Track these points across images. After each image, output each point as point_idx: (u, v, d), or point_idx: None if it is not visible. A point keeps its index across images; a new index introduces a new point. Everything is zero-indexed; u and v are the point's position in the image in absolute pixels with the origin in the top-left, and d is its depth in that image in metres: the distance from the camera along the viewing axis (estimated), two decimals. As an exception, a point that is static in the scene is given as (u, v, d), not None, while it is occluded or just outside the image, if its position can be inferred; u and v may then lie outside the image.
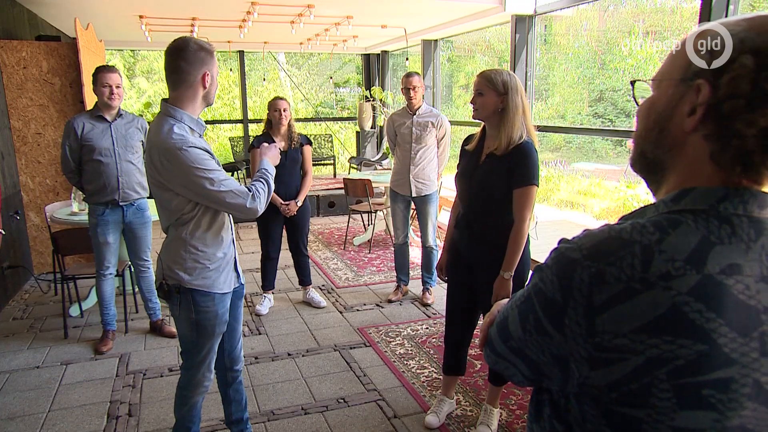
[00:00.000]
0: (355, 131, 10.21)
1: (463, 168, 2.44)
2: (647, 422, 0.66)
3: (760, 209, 0.68)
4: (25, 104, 4.60)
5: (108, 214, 3.36)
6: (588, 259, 0.68)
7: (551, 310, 0.71)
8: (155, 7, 5.57)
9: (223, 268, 2.06)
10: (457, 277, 2.53)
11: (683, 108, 0.70)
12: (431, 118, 4.06)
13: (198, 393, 2.17)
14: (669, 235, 0.66)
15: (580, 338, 0.68)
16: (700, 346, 0.63)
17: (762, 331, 0.65)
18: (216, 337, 2.10)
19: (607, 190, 8.33)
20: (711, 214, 0.68)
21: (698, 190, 0.69)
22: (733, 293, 0.64)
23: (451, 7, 5.69)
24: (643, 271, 0.65)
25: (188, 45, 1.86)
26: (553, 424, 0.78)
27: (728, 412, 0.65)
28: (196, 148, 1.85)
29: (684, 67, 0.70)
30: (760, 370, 0.66)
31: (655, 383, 0.64)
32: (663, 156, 0.74)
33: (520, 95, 2.29)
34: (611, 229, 0.69)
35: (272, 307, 4.17)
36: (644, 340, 0.64)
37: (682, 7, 7.57)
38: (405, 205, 4.24)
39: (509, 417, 2.74)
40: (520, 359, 0.78)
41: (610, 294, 0.65)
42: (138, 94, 13.33)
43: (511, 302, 0.81)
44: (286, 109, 3.85)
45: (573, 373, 0.70)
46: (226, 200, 1.90)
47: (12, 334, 3.74)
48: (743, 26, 0.67)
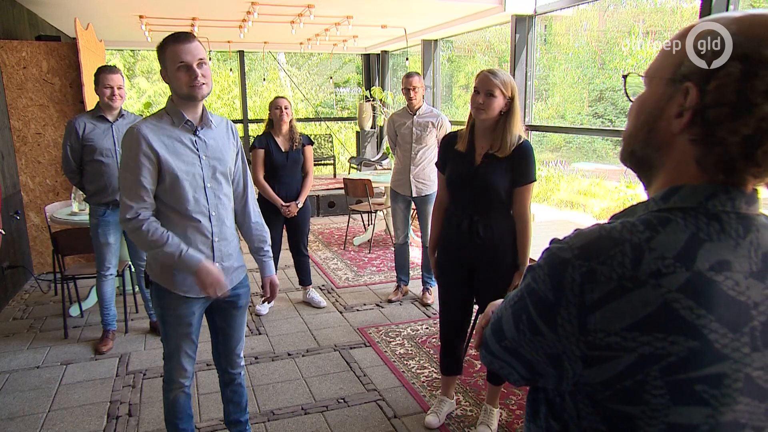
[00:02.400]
0: (355, 131, 10.21)
1: (458, 169, 2.42)
2: (641, 418, 0.67)
3: (747, 205, 0.69)
4: (25, 104, 4.60)
5: (109, 215, 3.36)
6: (579, 259, 0.68)
7: (544, 309, 0.71)
8: (155, 7, 5.57)
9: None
10: (452, 277, 2.53)
11: (672, 109, 0.70)
12: (432, 118, 4.06)
13: (174, 389, 2.14)
14: (659, 233, 0.67)
15: (572, 337, 0.68)
16: (692, 343, 0.64)
17: (752, 326, 0.66)
18: (182, 338, 2.06)
19: (607, 190, 8.32)
20: (700, 212, 0.68)
21: (687, 188, 0.70)
22: (723, 289, 0.65)
23: (451, 7, 5.69)
24: (634, 270, 0.65)
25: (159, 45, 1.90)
26: (549, 423, 0.79)
27: (721, 407, 0.66)
28: (140, 137, 1.86)
29: (674, 66, 0.70)
30: (751, 365, 0.66)
31: (648, 380, 0.65)
32: (652, 155, 0.75)
33: (517, 97, 2.35)
34: (602, 229, 0.70)
35: (272, 307, 4.17)
36: (636, 337, 0.64)
37: (682, 7, 7.57)
38: (405, 205, 4.24)
39: (509, 417, 2.74)
40: (515, 359, 0.79)
41: (602, 292, 0.66)
42: (138, 94, 13.32)
43: (505, 302, 0.82)
44: (287, 107, 3.85)
45: (567, 372, 0.71)
46: (122, 192, 1.91)
47: (12, 334, 3.74)
48: (733, 29, 0.66)
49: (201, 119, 1.97)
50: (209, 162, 1.98)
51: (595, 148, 9.52)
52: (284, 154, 3.89)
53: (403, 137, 4.12)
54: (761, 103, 0.63)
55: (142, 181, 1.87)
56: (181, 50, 1.83)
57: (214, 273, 1.92)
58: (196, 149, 1.95)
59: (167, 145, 1.90)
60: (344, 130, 12.98)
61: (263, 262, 2.22)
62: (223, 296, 2.01)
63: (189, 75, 1.85)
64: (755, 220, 0.69)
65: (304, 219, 4.07)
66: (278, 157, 3.88)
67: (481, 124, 2.35)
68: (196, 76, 1.85)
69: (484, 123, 2.33)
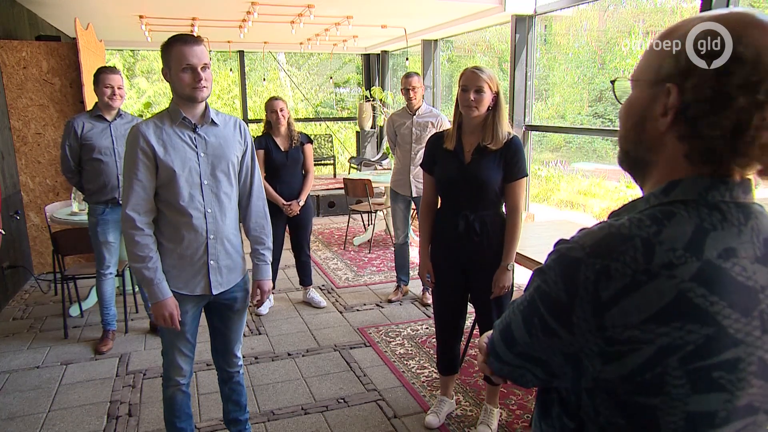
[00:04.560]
0: (355, 131, 10.21)
1: (448, 168, 2.41)
2: (662, 409, 0.68)
3: (744, 194, 0.72)
4: (25, 104, 4.60)
5: (108, 214, 3.36)
6: (592, 257, 0.69)
7: (557, 310, 0.72)
8: (155, 7, 5.57)
9: (184, 269, 2.01)
10: (448, 278, 2.52)
11: (657, 109, 0.73)
12: (431, 118, 4.07)
13: (171, 386, 2.16)
14: (666, 227, 0.69)
15: (589, 335, 0.69)
16: (708, 330, 0.66)
17: (761, 309, 0.68)
18: (176, 336, 2.08)
19: (607, 190, 8.32)
20: (700, 203, 0.71)
21: (686, 181, 0.72)
22: (732, 275, 0.67)
23: (451, 7, 5.69)
24: (647, 263, 0.66)
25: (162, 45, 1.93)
26: (563, 421, 0.79)
27: (737, 391, 0.68)
28: (140, 136, 1.91)
29: (656, 69, 0.73)
30: (763, 347, 0.69)
31: (668, 371, 0.66)
32: (644, 154, 0.78)
33: (501, 90, 2.39)
34: (610, 226, 0.71)
35: (272, 307, 4.17)
36: (654, 329, 0.66)
37: (682, 7, 7.57)
38: (405, 205, 4.25)
39: (509, 417, 2.74)
40: (530, 363, 0.79)
41: (617, 288, 0.67)
42: (138, 94, 13.32)
43: (511, 308, 0.82)
44: (283, 109, 3.85)
45: (587, 370, 0.72)
46: (123, 191, 1.95)
47: (12, 334, 3.74)
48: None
49: (202, 117, 2.00)
50: (208, 159, 1.99)
51: (595, 148, 9.52)
52: (284, 154, 3.89)
53: (403, 137, 4.12)
54: (737, 96, 0.66)
55: (142, 177, 1.91)
56: (189, 52, 1.86)
57: (169, 308, 1.96)
58: (194, 146, 1.97)
59: (164, 141, 1.93)
60: (344, 130, 12.98)
61: (256, 265, 2.22)
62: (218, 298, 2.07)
63: (193, 77, 1.88)
64: (752, 208, 0.72)
65: (307, 218, 4.07)
66: (278, 157, 3.88)
67: (470, 122, 2.35)
68: (200, 79, 1.89)
69: (474, 120, 2.34)
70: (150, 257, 1.93)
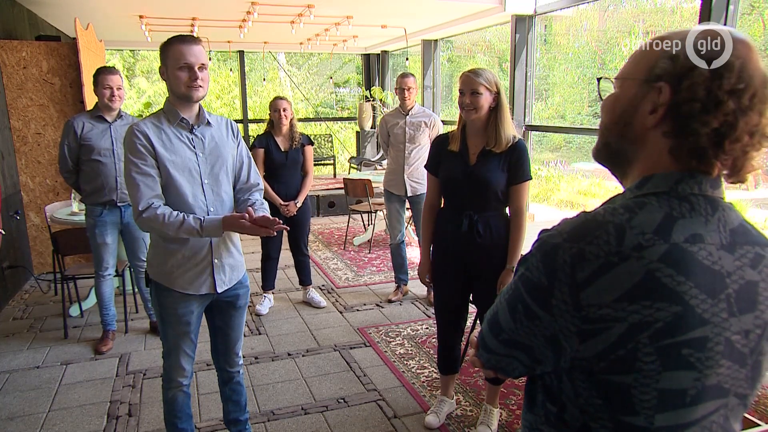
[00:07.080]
0: (355, 131, 10.22)
1: (453, 170, 2.42)
2: (635, 386, 0.72)
3: (712, 189, 0.78)
4: (25, 104, 4.60)
5: (106, 215, 3.36)
6: (568, 242, 0.75)
7: (538, 293, 0.77)
8: (155, 7, 5.58)
9: (189, 268, 2.01)
10: (449, 279, 2.52)
11: (645, 106, 0.78)
12: (425, 118, 4.10)
13: (172, 387, 2.15)
14: (637, 214, 0.74)
15: (567, 315, 0.74)
16: (676, 308, 0.70)
17: (728, 293, 0.74)
18: (180, 337, 2.08)
19: (607, 190, 8.32)
20: (671, 195, 0.76)
21: (658, 176, 0.78)
22: (699, 259, 0.73)
23: (451, 7, 5.69)
24: (618, 246, 0.72)
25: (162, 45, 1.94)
26: (546, 408, 0.84)
27: (706, 370, 0.73)
28: (138, 133, 1.90)
29: (648, 69, 0.78)
30: (729, 329, 0.74)
31: (639, 347, 0.71)
32: (626, 147, 0.83)
33: (503, 91, 2.38)
34: (587, 214, 0.77)
35: (272, 307, 4.17)
36: (625, 307, 0.71)
37: (682, 7, 7.57)
38: (400, 204, 4.26)
39: (509, 417, 2.74)
40: (515, 348, 0.83)
41: (592, 269, 0.72)
42: (138, 94, 13.32)
43: (499, 298, 0.87)
44: (287, 109, 3.86)
45: (565, 350, 0.76)
46: (130, 190, 1.92)
47: (12, 334, 3.74)
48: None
49: (198, 117, 2.01)
50: (207, 159, 2.00)
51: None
52: (284, 154, 3.89)
53: (396, 137, 4.13)
54: (727, 100, 0.73)
55: (147, 170, 1.89)
56: (186, 51, 1.88)
57: (228, 221, 1.89)
58: (192, 146, 1.98)
59: (164, 141, 1.93)
60: (344, 130, 12.98)
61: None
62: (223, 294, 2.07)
63: (189, 76, 1.89)
64: (719, 202, 0.78)
65: (305, 218, 4.07)
66: (278, 157, 3.88)
67: (473, 124, 2.36)
68: (195, 78, 1.90)
69: (476, 122, 2.34)
70: (180, 215, 1.88)
